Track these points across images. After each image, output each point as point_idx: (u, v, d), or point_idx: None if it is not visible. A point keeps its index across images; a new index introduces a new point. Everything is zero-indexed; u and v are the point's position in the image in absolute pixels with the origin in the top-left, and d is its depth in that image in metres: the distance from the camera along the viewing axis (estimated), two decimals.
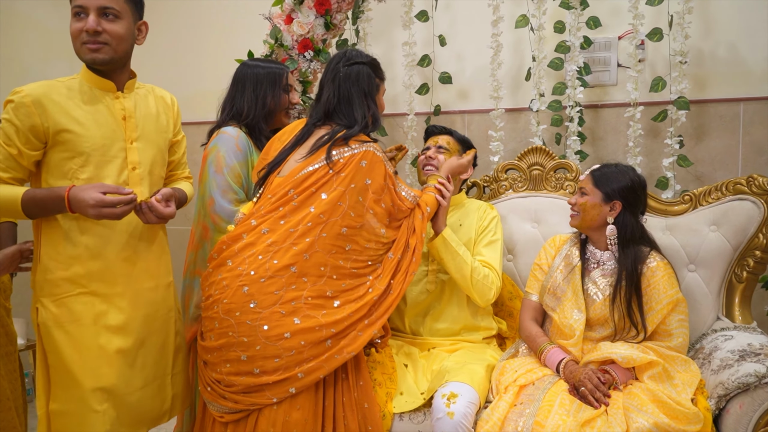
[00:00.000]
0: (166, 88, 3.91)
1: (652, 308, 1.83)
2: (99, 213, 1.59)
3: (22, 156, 1.64)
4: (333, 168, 1.74)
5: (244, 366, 1.65)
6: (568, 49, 2.50)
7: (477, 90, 2.87)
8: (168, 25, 3.43)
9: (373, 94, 1.89)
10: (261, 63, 2.15)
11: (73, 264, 1.68)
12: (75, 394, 1.67)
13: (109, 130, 1.72)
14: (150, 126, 1.83)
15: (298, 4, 2.50)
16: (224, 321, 1.67)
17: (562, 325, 1.89)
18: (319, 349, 1.65)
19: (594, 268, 1.93)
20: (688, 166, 2.44)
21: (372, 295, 1.74)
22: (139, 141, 1.78)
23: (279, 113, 2.14)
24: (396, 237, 1.84)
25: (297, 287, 1.67)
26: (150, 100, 1.86)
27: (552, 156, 2.41)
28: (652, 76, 2.50)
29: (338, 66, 1.87)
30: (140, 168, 1.77)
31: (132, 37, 1.74)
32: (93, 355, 1.69)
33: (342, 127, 1.82)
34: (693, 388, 1.72)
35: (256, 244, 1.70)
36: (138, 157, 1.77)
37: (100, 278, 1.71)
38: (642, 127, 2.49)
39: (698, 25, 2.54)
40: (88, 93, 1.72)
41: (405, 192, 1.88)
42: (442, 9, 2.81)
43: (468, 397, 1.76)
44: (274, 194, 1.77)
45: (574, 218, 1.95)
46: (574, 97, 2.49)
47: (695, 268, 2.13)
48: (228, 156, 1.98)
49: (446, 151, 2.18)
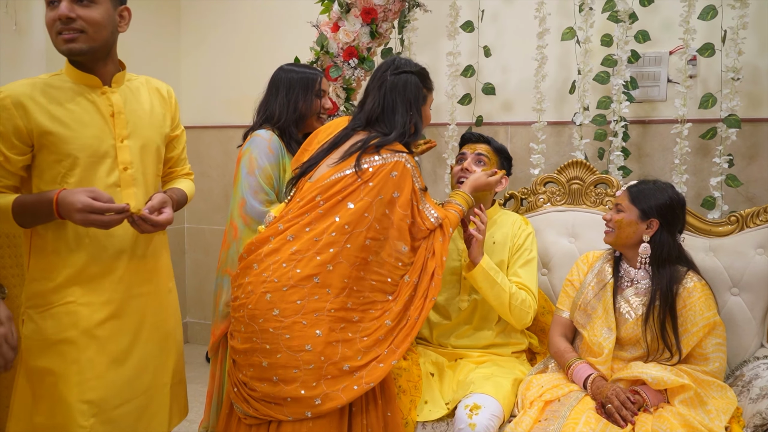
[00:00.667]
0: (214, 92, 4.04)
1: (687, 330, 1.77)
2: (85, 218, 1.48)
3: (9, 162, 1.53)
4: (361, 177, 1.71)
5: (265, 372, 1.64)
6: (615, 63, 2.45)
7: (520, 102, 2.85)
8: (218, 30, 3.57)
9: (418, 104, 1.84)
10: (296, 68, 2.19)
11: (62, 274, 1.58)
12: (61, 408, 1.56)
13: (96, 129, 1.60)
14: (142, 122, 1.69)
15: (345, 12, 2.55)
16: (249, 326, 1.67)
17: (592, 342, 1.85)
18: (337, 369, 1.62)
19: (627, 286, 1.88)
20: (737, 186, 2.35)
21: (388, 317, 1.70)
22: (130, 139, 1.65)
23: (310, 118, 2.16)
24: (414, 259, 1.78)
25: (320, 298, 1.65)
26: (143, 93, 1.73)
27: (592, 170, 2.37)
28: (704, 92, 2.43)
29: (386, 74, 1.83)
30: (132, 168, 1.65)
31: (112, 23, 1.59)
32: (81, 367, 1.58)
33: (379, 134, 1.79)
34: (728, 415, 1.65)
35: (281, 251, 1.69)
36: (129, 156, 1.65)
37: (91, 288, 1.60)
38: (690, 145, 2.42)
39: (754, 40, 2.46)
40: (72, 90, 1.59)
41: (428, 212, 1.81)
42: (488, 20, 2.81)
43: (491, 409, 1.74)
44: (302, 198, 1.75)
45: (609, 235, 1.90)
46: (619, 112, 2.44)
47: (738, 292, 2.04)
48: (260, 158, 2.03)
49: (486, 159, 2.12)
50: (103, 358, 1.61)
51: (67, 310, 1.58)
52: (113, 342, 1.63)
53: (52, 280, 1.58)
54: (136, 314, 1.69)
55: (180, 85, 3.64)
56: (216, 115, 3.61)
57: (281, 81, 2.15)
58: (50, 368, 1.57)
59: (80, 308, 1.59)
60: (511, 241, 2.12)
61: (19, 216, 1.53)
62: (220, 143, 3.62)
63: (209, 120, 3.64)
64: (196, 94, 3.65)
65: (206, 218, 3.76)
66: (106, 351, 1.62)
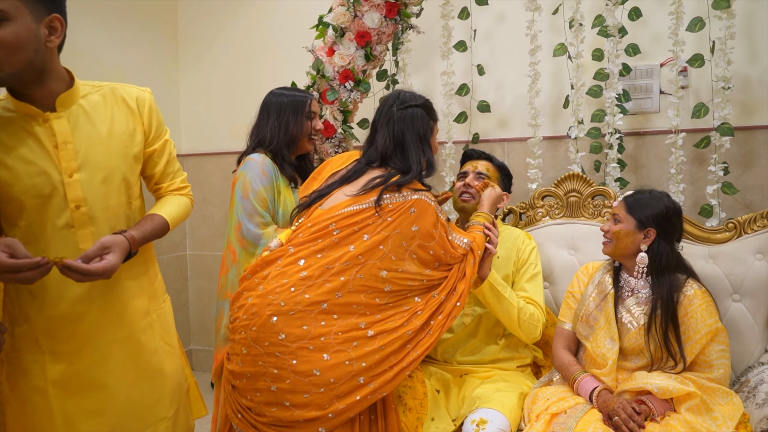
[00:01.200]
0: (213, 119, 4.08)
1: (690, 338, 1.77)
2: (3, 278, 1.34)
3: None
4: (380, 212, 1.72)
5: (274, 397, 1.62)
6: (607, 77, 2.49)
7: (516, 118, 2.89)
8: (215, 58, 3.62)
9: (427, 137, 1.87)
10: (286, 91, 2.23)
11: (26, 321, 1.48)
12: None
13: (39, 165, 1.41)
14: (98, 149, 1.49)
15: (339, 36, 2.59)
16: (253, 348, 1.64)
17: (595, 354, 1.85)
18: (350, 385, 1.61)
19: (628, 296, 1.88)
20: (733, 194, 2.37)
21: (407, 329, 1.69)
22: (81, 171, 1.45)
23: (302, 139, 2.19)
24: (447, 276, 1.79)
25: (326, 323, 1.63)
26: (101, 111, 1.52)
27: (589, 183, 2.39)
28: (696, 102, 2.46)
29: (392, 109, 1.85)
30: (86, 205, 1.46)
31: (34, 41, 1.35)
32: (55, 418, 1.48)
33: (397, 171, 1.80)
34: (734, 422, 1.65)
35: (289, 274, 1.68)
36: (81, 191, 1.45)
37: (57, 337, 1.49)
38: (686, 155, 2.45)
39: (744, 50, 2.49)
40: (12, 120, 1.41)
41: (458, 240, 1.83)
42: (480, 39, 2.86)
43: (498, 424, 1.73)
44: (314, 224, 1.74)
45: (607, 246, 1.91)
46: (613, 124, 2.47)
47: (740, 298, 2.05)
48: (254, 181, 2.05)
49: (487, 179, 2.15)
50: (77, 409, 1.51)
51: (34, 358, 1.48)
52: (87, 392, 1.52)
53: (18, 326, 1.49)
54: (112, 361, 1.55)
55: (179, 113, 3.69)
56: (215, 141, 3.65)
57: (272, 105, 2.19)
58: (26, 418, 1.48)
59: (48, 357, 1.48)
60: (516, 256, 2.13)
61: None
62: (220, 169, 3.66)
63: (209, 147, 3.68)
64: (195, 122, 3.69)
65: (208, 244, 3.78)
66: (81, 402, 1.51)
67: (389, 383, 1.66)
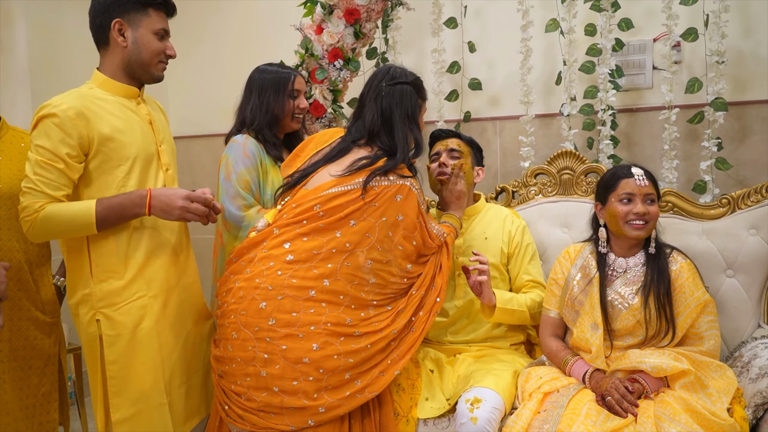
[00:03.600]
0: (202, 102, 4.05)
1: (680, 312, 1.76)
2: (187, 206, 1.67)
3: (73, 170, 1.64)
4: (365, 196, 1.69)
5: (264, 382, 1.61)
6: (599, 52, 2.45)
7: (508, 96, 2.85)
8: (203, 38, 3.56)
9: (416, 116, 1.84)
10: (270, 68, 2.15)
11: (128, 272, 1.72)
12: (141, 395, 1.72)
13: (143, 135, 1.76)
14: (165, 129, 1.90)
15: (328, 14, 2.54)
16: (242, 333, 1.64)
17: (580, 339, 1.83)
18: (338, 379, 1.61)
19: (616, 277, 1.85)
20: (727, 170, 2.35)
21: (392, 328, 1.69)
22: (164, 143, 1.85)
23: (285, 119, 2.12)
24: (423, 271, 1.79)
25: (315, 311, 1.63)
26: (153, 105, 1.92)
27: (582, 160, 2.37)
28: (689, 77, 2.43)
29: (381, 84, 1.82)
30: (171, 169, 1.85)
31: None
32: (155, 353, 1.74)
33: (383, 153, 1.77)
34: (729, 396, 1.64)
35: (276, 257, 1.67)
36: (167, 158, 1.84)
37: (151, 282, 1.76)
38: (679, 131, 2.42)
39: (737, 24, 2.46)
40: (115, 101, 1.75)
41: (435, 230, 1.83)
42: (471, 16, 2.81)
43: (492, 402, 1.73)
44: (298, 204, 1.73)
45: (644, 228, 1.81)
46: (606, 101, 2.45)
47: (734, 274, 2.04)
48: (235, 163, 2.00)
49: (460, 154, 2.11)
50: (169, 342, 1.79)
51: (138, 304, 1.73)
52: (172, 329, 1.81)
53: (120, 279, 1.71)
54: (183, 303, 1.86)
55: (167, 94, 3.62)
56: (204, 123, 3.60)
57: (255, 82, 2.12)
58: (133, 358, 1.71)
59: (149, 301, 1.74)
60: (507, 236, 2.11)
61: (102, 218, 1.64)
62: (210, 152, 3.61)
63: (198, 129, 3.63)
64: (184, 104, 3.63)
65: (198, 227, 3.72)
66: (170, 336, 1.79)
67: (377, 382, 1.66)
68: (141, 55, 1.75)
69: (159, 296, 1.78)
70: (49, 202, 1.61)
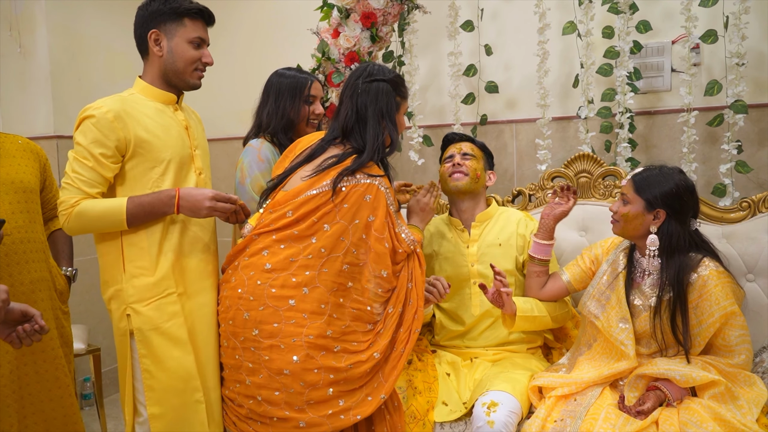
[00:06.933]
0: (220, 105, 4.08)
1: (703, 321, 1.70)
2: (214, 206, 1.71)
3: (105, 169, 1.71)
4: (334, 198, 1.67)
5: (249, 390, 1.65)
6: (617, 55, 2.44)
7: (525, 99, 2.84)
8: (220, 41, 3.56)
9: (391, 114, 1.78)
10: (288, 72, 2.15)
11: (159, 268, 1.75)
12: (177, 391, 1.74)
13: (179, 139, 1.81)
14: (201, 135, 1.96)
15: (344, 18, 2.56)
16: (231, 341, 1.69)
17: (609, 334, 1.80)
18: (320, 394, 1.60)
19: (640, 277, 1.83)
20: (747, 173, 2.33)
21: (373, 351, 1.66)
22: (198, 149, 1.90)
23: (300, 124, 2.12)
24: (396, 286, 1.74)
25: (296, 323, 1.62)
26: (190, 113, 1.98)
27: (600, 163, 2.35)
28: (709, 79, 2.41)
29: (357, 82, 1.78)
30: (204, 173, 1.90)
31: None
32: (185, 351, 1.75)
33: (354, 150, 1.75)
34: (759, 408, 1.60)
35: (256, 266, 1.68)
36: (201, 163, 1.89)
37: (181, 279, 1.79)
38: (699, 134, 2.41)
39: (758, 26, 2.43)
40: (153, 106, 1.81)
41: (405, 233, 1.76)
42: (488, 19, 2.81)
43: (509, 406, 1.72)
44: (274, 209, 1.73)
45: (615, 226, 1.84)
46: (624, 104, 2.43)
47: (754, 278, 2.02)
48: (250, 167, 2.01)
49: (472, 158, 2.11)
50: (202, 341, 1.80)
51: (169, 300, 1.76)
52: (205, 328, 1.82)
53: (151, 275, 1.75)
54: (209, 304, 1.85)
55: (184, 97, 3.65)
56: (221, 126, 3.62)
57: (272, 86, 2.12)
58: (164, 353, 1.73)
59: (178, 297, 1.77)
60: (521, 241, 2.10)
61: (133, 215, 1.70)
62: (227, 155, 3.63)
63: (215, 132, 3.64)
64: (200, 107, 3.61)
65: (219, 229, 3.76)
66: (203, 335, 1.80)
67: (363, 405, 1.64)
68: (176, 64, 1.80)
69: (190, 294, 1.80)
70: (83, 198, 1.69)
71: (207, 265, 1.87)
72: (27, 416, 1.93)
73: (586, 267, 1.97)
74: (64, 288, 2.12)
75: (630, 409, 1.64)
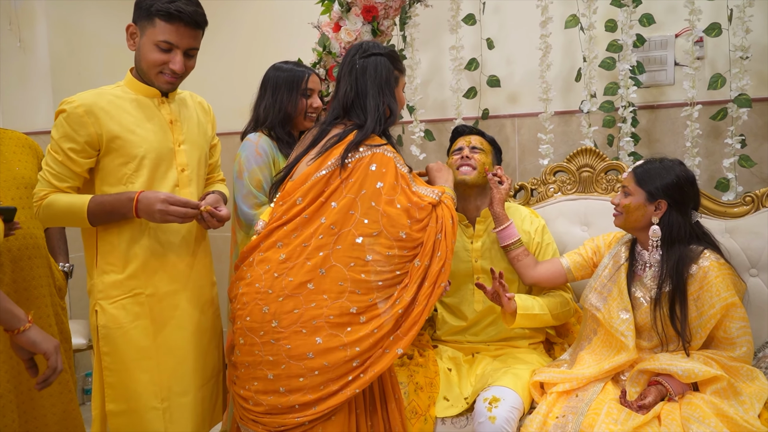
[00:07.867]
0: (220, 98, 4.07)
1: (704, 312, 1.70)
2: (166, 209, 1.65)
3: (76, 164, 1.69)
4: (341, 174, 1.66)
5: (271, 385, 1.61)
6: (620, 48, 2.42)
7: (527, 93, 2.83)
8: (220, 37, 3.56)
9: (391, 86, 1.77)
10: (285, 66, 2.14)
11: (129, 267, 1.73)
12: (134, 394, 1.72)
13: (158, 134, 1.77)
14: (193, 129, 1.88)
15: (345, 11, 2.54)
16: (249, 338, 1.64)
17: (609, 326, 1.80)
18: (345, 368, 1.58)
19: (642, 270, 1.83)
20: (751, 167, 2.31)
21: (399, 307, 1.62)
22: (185, 144, 1.84)
23: (297, 117, 2.11)
24: (423, 240, 1.68)
25: (317, 305, 1.59)
26: (190, 104, 1.92)
27: (602, 157, 2.34)
28: (712, 73, 2.39)
29: (354, 58, 1.77)
30: (188, 170, 1.83)
31: None
32: (151, 353, 1.74)
33: (354, 126, 1.73)
34: (761, 403, 1.60)
35: (271, 259, 1.65)
36: (186, 159, 1.83)
37: (152, 280, 1.75)
38: (702, 128, 2.39)
39: (763, 18, 2.41)
40: (135, 99, 1.77)
41: (424, 190, 1.73)
42: (490, 12, 2.79)
43: (511, 401, 1.72)
44: (285, 200, 1.71)
45: (618, 219, 1.85)
46: (626, 98, 2.42)
47: (757, 273, 2.01)
48: (248, 161, 2.01)
49: (481, 152, 2.10)
50: (169, 346, 1.77)
51: (135, 300, 1.74)
52: (175, 333, 1.79)
53: (120, 272, 1.73)
54: (198, 305, 1.85)
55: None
56: (222, 121, 3.59)
57: (269, 80, 2.12)
58: (122, 356, 1.72)
59: (146, 299, 1.75)
60: (526, 238, 2.09)
61: (93, 214, 1.68)
62: (228, 150, 3.59)
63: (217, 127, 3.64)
64: None
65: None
66: (171, 341, 1.78)
67: (380, 360, 1.60)
68: (141, 63, 1.77)
69: (160, 297, 1.77)
70: (52, 192, 1.69)
71: (184, 270, 1.83)
72: (27, 411, 1.93)
73: (588, 256, 1.97)
74: (62, 284, 2.12)
75: (632, 403, 1.64)
